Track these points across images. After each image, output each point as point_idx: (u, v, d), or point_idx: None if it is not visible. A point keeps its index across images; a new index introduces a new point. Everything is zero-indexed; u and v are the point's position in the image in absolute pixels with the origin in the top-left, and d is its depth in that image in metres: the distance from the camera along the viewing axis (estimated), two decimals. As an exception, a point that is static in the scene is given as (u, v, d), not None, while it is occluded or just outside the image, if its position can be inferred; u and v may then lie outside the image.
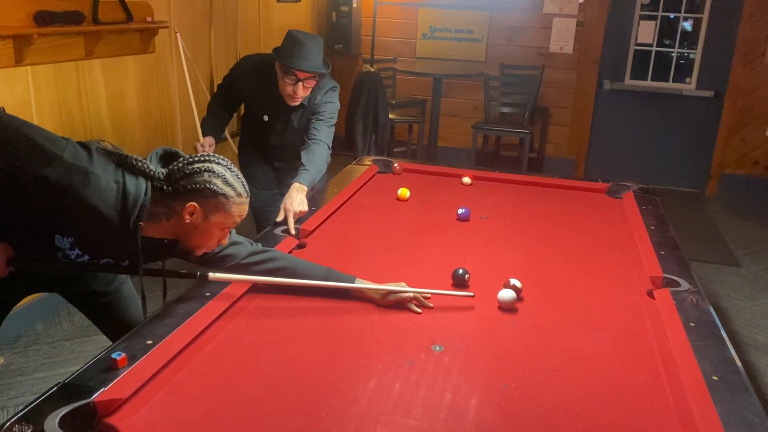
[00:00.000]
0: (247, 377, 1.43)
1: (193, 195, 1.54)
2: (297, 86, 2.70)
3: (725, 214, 5.45)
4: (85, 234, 1.55)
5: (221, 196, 1.56)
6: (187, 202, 1.54)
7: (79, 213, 1.48)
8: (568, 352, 1.60)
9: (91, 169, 1.47)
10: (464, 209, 2.52)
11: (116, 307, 1.94)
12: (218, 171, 1.57)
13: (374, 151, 5.02)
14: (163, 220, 1.58)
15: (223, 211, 1.58)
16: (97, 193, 1.48)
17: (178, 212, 1.56)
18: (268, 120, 2.95)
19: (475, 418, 1.33)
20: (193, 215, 1.56)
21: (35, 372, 2.80)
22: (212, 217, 1.58)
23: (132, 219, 1.53)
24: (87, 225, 1.52)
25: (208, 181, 1.55)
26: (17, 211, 1.51)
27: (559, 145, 6.25)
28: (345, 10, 6.02)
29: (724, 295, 3.91)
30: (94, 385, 1.28)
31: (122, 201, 1.51)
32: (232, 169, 1.61)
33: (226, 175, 1.58)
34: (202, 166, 1.56)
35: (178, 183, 1.55)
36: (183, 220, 1.56)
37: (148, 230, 1.59)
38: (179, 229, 1.60)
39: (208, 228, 1.60)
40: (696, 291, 1.89)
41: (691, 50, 5.86)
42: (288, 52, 2.67)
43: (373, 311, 1.77)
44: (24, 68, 2.90)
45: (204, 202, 1.55)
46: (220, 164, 1.59)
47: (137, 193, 1.52)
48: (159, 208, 1.56)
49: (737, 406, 1.34)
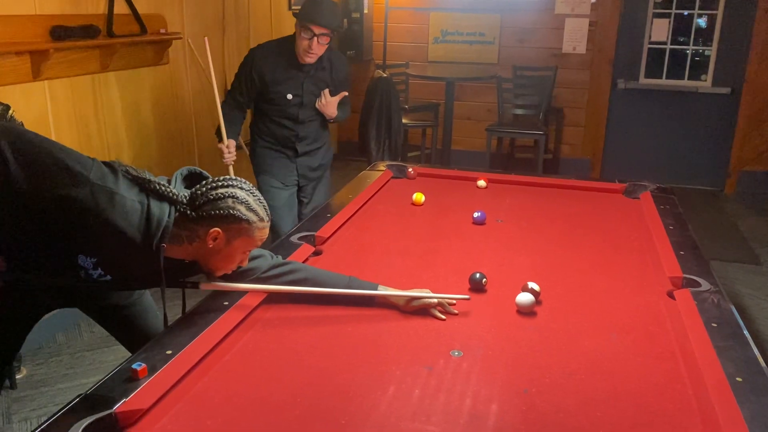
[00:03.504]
0: (267, 386, 1.43)
1: (216, 221, 1.55)
2: (312, 41, 2.95)
3: (745, 212, 5.38)
4: (108, 254, 1.57)
5: (244, 222, 1.57)
6: (211, 228, 1.56)
7: (104, 233, 1.50)
8: (587, 355, 1.58)
9: (117, 191, 1.49)
10: (480, 213, 2.51)
11: (136, 319, 1.96)
12: (241, 197, 1.58)
13: (388, 157, 5.02)
14: (185, 242, 1.59)
15: (245, 237, 1.60)
16: (122, 214, 1.49)
17: (201, 236, 1.57)
18: (292, 98, 3.13)
19: (496, 424, 1.32)
20: (216, 240, 1.57)
21: (57, 383, 2.83)
22: (234, 242, 1.59)
23: (155, 241, 1.54)
24: (111, 245, 1.53)
25: (231, 207, 1.55)
26: (42, 230, 1.53)
27: (574, 146, 6.21)
28: (356, 17, 6.04)
29: (746, 294, 3.86)
30: (116, 395, 1.29)
31: (146, 223, 1.53)
32: (254, 193, 1.62)
33: (249, 201, 1.59)
34: (225, 192, 1.57)
35: (202, 208, 1.56)
36: (206, 244, 1.58)
37: (170, 252, 1.60)
38: (201, 252, 1.62)
39: (230, 252, 1.61)
40: (717, 291, 1.87)
41: (707, 47, 5.80)
42: (305, 9, 2.97)
43: (390, 318, 1.76)
44: (41, 83, 2.94)
45: (227, 228, 1.56)
46: (242, 189, 1.60)
47: (161, 216, 1.54)
48: (182, 231, 1.58)
49: (763, 407, 1.32)
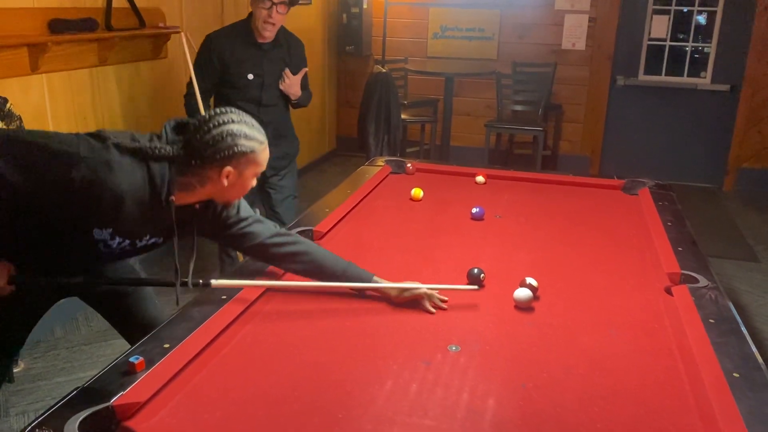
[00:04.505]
0: (264, 379, 1.43)
1: (223, 161, 1.58)
2: (271, 10, 2.99)
3: (743, 209, 5.38)
4: (122, 221, 1.58)
5: (249, 153, 1.60)
6: (221, 169, 1.58)
7: (112, 202, 1.52)
8: (585, 351, 1.59)
9: (111, 158, 1.51)
10: (478, 208, 2.51)
11: (136, 307, 1.96)
12: (237, 131, 1.59)
13: (387, 152, 5.01)
14: (197, 188, 1.62)
15: (253, 164, 1.64)
16: (124, 178, 1.52)
17: (213, 178, 1.60)
18: (253, 78, 3.14)
19: (493, 419, 1.32)
20: (229, 177, 1.60)
21: (55, 377, 2.83)
22: (245, 173, 1.63)
23: (163, 196, 1.58)
24: (122, 212, 1.55)
25: (233, 145, 1.57)
26: (54, 219, 1.55)
27: (573, 143, 6.21)
28: (356, 12, 6.02)
29: (744, 291, 3.86)
30: (113, 389, 1.29)
31: (150, 181, 1.55)
32: (244, 118, 1.63)
33: (245, 131, 1.60)
34: (221, 132, 1.57)
35: (205, 155, 1.57)
36: (219, 183, 1.61)
37: (183, 199, 1.64)
38: (215, 191, 1.65)
39: (243, 182, 1.65)
40: (715, 287, 1.87)
41: (706, 44, 5.80)
42: None
43: (388, 312, 1.76)
44: (39, 76, 2.93)
45: (236, 164, 1.59)
46: (234, 122, 1.60)
47: (162, 172, 1.57)
48: (191, 179, 1.61)
49: (759, 403, 1.32)
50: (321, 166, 6.24)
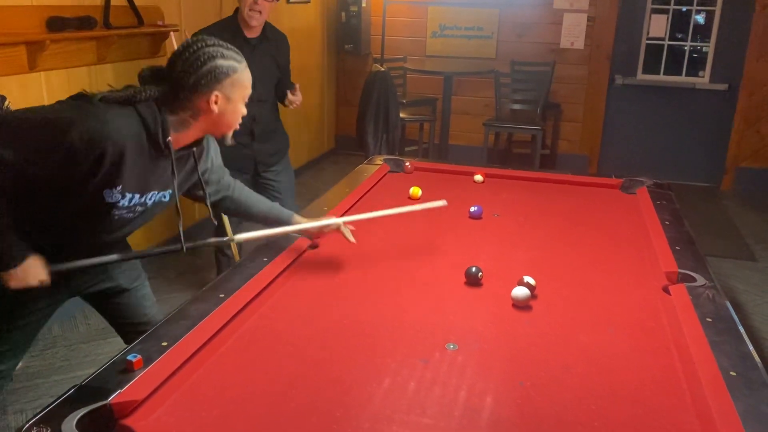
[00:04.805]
0: (262, 377, 1.43)
1: (208, 87, 1.61)
2: (256, 2, 3.01)
3: (741, 208, 5.39)
4: (128, 175, 1.59)
5: (231, 72, 1.63)
6: (209, 95, 1.61)
7: (115, 154, 1.53)
8: (583, 349, 1.59)
9: (100, 111, 1.53)
10: (477, 207, 2.51)
11: (134, 306, 1.97)
12: (213, 52, 1.61)
13: (385, 151, 5.01)
14: (191, 123, 1.66)
15: (238, 85, 1.66)
16: (120, 125, 1.54)
17: (204, 108, 1.63)
18: None
19: (491, 417, 1.32)
20: (218, 102, 1.63)
21: (52, 375, 2.83)
22: (233, 96, 1.66)
23: (160, 138, 1.60)
24: (126, 164, 1.56)
25: (213, 67, 1.60)
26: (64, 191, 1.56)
27: (571, 142, 6.21)
28: (354, 10, 6.02)
29: (741, 290, 3.87)
30: (111, 387, 1.29)
31: (144, 126, 1.58)
32: (217, 42, 1.65)
33: (221, 51, 1.63)
34: (198, 57, 1.60)
35: (188, 84, 1.59)
36: (210, 113, 1.63)
37: (182, 139, 1.67)
38: (209, 122, 1.68)
39: (234, 106, 1.68)
40: (712, 286, 1.87)
41: (704, 43, 5.80)
42: None
43: (386, 311, 1.76)
44: (37, 74, 2.92)
45: (221, 87, 1.62)
46: (207, 45, 1.63)
47: (153, 113, 1.59)
48: (183, 114, 1.64)
49: (756, 401, 1.32)
50: (319, 165, 6.24)
